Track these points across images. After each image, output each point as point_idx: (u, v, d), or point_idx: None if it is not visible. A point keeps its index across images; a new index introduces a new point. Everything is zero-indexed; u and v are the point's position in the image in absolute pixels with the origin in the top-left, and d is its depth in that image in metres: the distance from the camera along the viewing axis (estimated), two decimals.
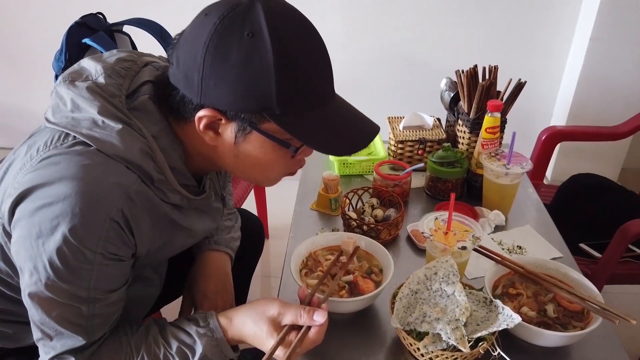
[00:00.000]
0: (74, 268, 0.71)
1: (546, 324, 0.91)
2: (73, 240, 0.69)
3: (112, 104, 0.75)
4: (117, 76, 0.79)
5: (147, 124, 0.76)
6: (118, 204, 0.71)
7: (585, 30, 2.31)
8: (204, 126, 0.74)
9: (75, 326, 0.76)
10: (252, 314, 0.84)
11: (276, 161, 0.79)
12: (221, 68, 0.69)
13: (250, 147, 0.76)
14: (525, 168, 1.25)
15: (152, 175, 0.75)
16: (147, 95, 0.78)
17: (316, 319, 0.81)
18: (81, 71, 0.79)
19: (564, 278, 0.99)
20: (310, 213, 1.33)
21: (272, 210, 2.24)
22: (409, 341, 0.87)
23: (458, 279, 0.91)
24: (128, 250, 0.77)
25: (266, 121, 0.73)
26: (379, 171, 1.34)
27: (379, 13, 2.40)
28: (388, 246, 1.10)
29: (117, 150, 0.72)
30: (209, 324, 0.84)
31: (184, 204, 0.84)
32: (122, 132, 0.73)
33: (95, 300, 0.76)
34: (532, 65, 2.49)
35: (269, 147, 0.76)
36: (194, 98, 0.73)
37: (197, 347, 0.82)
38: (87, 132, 0.72)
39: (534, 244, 1.21)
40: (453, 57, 2.45)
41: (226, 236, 1.13)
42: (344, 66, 2.54)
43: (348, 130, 0.79)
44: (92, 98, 0.74)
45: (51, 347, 0.77)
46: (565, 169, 2.51)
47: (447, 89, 1.52)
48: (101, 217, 0.70)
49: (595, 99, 2.43)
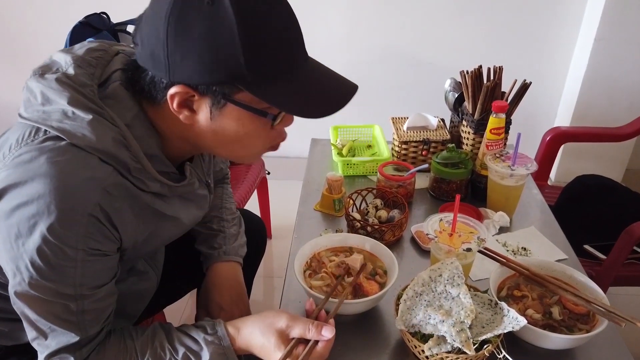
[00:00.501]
0: (56, 266, 0.71)
1: (551, 326, 0.90)
2: (52, 238, 0.69)
3: (82, 94, 0.73)
4: (88, 66, 0.77)
5: (120, 112, 0.75)
6: (94, 198, 0.70)
7: (590, 31, 2.30)
8: (178, 104, 0.72)
9: (67, 323, 0.76)
10: (261, 325, 0.83)
11: (255, 133, 0.77)
12: (185, 41, 0.67)
13: (227, 120, 0.74)
14: (530, 169, 1.25)
15: (129, 164, 0.74)
16: (118, 82, 0.76)
17: (324, 334, 0.81)
18: (51, 64, 0.78)
19: (569, 280, 0.99)
20: (313, 214, 1.32)
21: (275, 211, 2.24)
22: (413, 343, 0.86)
23: (463, 281, 0.90)
24: (112, 244, 0.76)
25: (239, 91, 0.71)
26: (383, 172, 1.33)
27: (383, 13, 2.40)
28: (392, 247, 1.10)
29: (89, 141, 0.70)
30: (216, 331, 0.84)
31: (165, 191, 0.82)
32: (93, 122, 0.71)
33: (83, 296, 0.75)
34: (537, 65, 2.48)
35: (246, 119, 0.75)
36: (163, 76, 0.71)
37: (204, 354, 0.82)
38: (57, 125, 0.71)
39: (539, 246, 1.21)
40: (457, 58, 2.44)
41: (234, 244, 1.13)
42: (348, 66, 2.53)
43: (324, 91, 0.77)
44: (61, 89, 0.73)
45: (46, 346, 0.77)
46: (570, 170, 2.50)
47: (452, 90, 1.52)
48: (78, 214, 0.69)
49: (599, 100, 2.42)
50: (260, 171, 2.02)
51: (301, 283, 0.96)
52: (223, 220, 1.15)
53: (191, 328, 0.86)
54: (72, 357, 0.78)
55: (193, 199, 0.93)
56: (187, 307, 1.92)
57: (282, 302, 1.03)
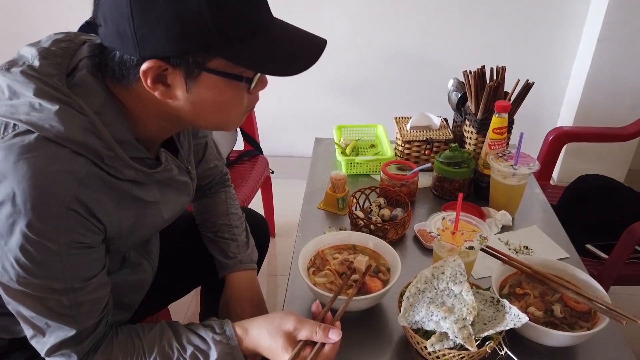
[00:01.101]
0: (42, 262, 0.71)
1: (553, 324, 0.91)
2: (33, 235, 0.68)
3: (49, 84, 0.71)
4: (54, 56, 0.75)
5: (88, 99, 0.73)
6: (70, 191, 0.69)
7: (593, 31, 2.30)
8: (152, 81, 0.71)
9: (62, 317, 0.76)
10: (269, 327, 0.84)
11: (234, 99, 0.77)
12: (150, 12, 0.65)
13: (204, 90, 0.73)
14: (533, 169, 1.25)
15: (101, 152, 0.72)
16: (85, 69, 0.75)
17: (331, 336, 0.82)
18: (18, 59, 0.76)
19: (571, 279, 1.00)
20: (317, 212, 1.34)
21: (278, 209, 2.25)
22: (416, 339, 0.87)
23: (465, 279, 0.91)
24: (95, 236, 0.76)
25: (212, 58, 0.70)
26: (386, 171, 1.34)
27: (387, 13, 2.41)
28: (395, 245, 1.11)
29: (58, 132, 0.69)
30: (225, 331, 0.85)
31: (142, 178, 0.81)
32: (60, 112, 0.69)
33: (74, 289, 0.75)
34: (540, 66, 2.49)
35: (223, 86, 0.74)
36: (133, 53, 0.69)
37: (212, 354, 0.83)
38: (25, 118, 0.69)
39: (541, 245, 1.22)
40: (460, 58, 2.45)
41: (248, 252, 1.15)
42: (352, 66, 2.56)
43: (296, 49, 0.76)
44: (26, 81, 0.71)
45: (44, 343, 0.77)
46: (572, 169, 2.51)
47: (455, 90, 1.53)
48: (55, 208, 0.68)
49: (602, 100, 2.42)
50: (264, 170, 2.04)
51: (305, 280, 0.97)
52: (233, 227, 1.17)
53: (199, 327, 0.87)
54: (73, 353, 0.78)
55: (173, 185, 0.92)
56: (192, 304, 1.93)
57: (287, 298, 1.05)
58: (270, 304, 1.17)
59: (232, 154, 2.04)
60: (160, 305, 1.30)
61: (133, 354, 0.82)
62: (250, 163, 2.03)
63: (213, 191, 1.23)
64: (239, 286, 1.11)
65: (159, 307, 1.29)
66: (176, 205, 0.95)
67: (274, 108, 2.59)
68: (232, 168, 1.99)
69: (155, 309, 1.28)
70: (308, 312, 1.00)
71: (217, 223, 1.17)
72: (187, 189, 0.97)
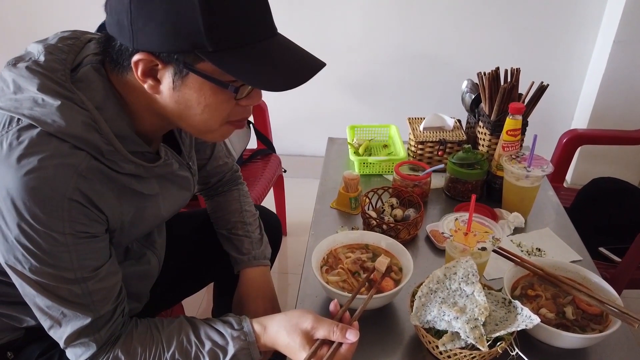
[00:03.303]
0: (51, 253, 0.73)
1: (565, 325, 0.91)
2: (39, 226, 0.71)
3: (52, 79, 0.74)
4: (60, 52, 0.77)
5: (90, 94, 0.75)
6: (71, 183, 0.71)
7: (609, 33, 2.28)
8: (142, 72, 0.73)
9: (76, 305, 0.78)
10: (287, 325, 0.85)
11: (217, 106, 0.77)
12: (147, 7, 0.68)
13: (189, 91, 0.74)
14: (546, 171, 1.25)
15: (101, 147, 0.74)
16: (89, 65, 0.77)
17: (349, 337, 0.83)
18: (25, 55, 0.79)
19: (583, 281, 1.00)
20: (330, 211, 1.35)
21: (290, 208, 2.27)
22: (427, 339, 0.88)
23: (477, 279, 0.92)
24: (99, 226, 0.78)
25: (201, 61, 0.71)
26: (399, 171, 1.35)
27: (401, 13, 2.41)
28: (407, 245, 1.11)
29: (59, 127, 0.71)
30: (243, 327, 0.87)
31: (141, 172, 0.82)
32: (62, 107, 0.72)
33: (85, 279, 0.77)
34: (554, 67, 2.47)
35: (207, 90, 0.74)
36: (128, 44, 0.71)
37: (229, 349, 0.84)
38: (29, 113, 0.71)
39: (553, 247, 1.22)
40: (474, 58, 2.45)
41: (261, 248, 1.17)
42: (365, 65, 2.57)
43: (288, 65, 0.76)
44: (31, 76, 0.73)
45: (62, 332, 0.79)
46: (586, 172, 2.49)
47: (469, 91, 1.53)
48: (58, 199, 0.71)
49: (617, 102, 2.40)
50: (277, 169, 2.05)
51: (318, 278, 0.98)
52: (246, 224, 1.18)
53: (217, 322, 0.88)
54: (91, 342, 0.80)
55: (173, 180, 0.93)
56: (204, 300, 1.95)
57: (299, 296, 1.06)
58: (281, 302, 1.18)
59: (246, 152, 2.05)
60: (174, 300, 1.32)
61: (152, 347, 0.83)
62: (263, 162, 2.05)
63: (226, 189, 1.24)
64: (253, 282, 1.13)
65: (172, 302, 1.32)
66: (176, 200, 0.97)
67: (287, 107, 2.60)
68: (245, 166, 2.01)
69: (169, 304, 1.30)
70: (320, 310, 1.02)
71: (230, 220, 1.19)
72: (188, 184, 0.99)
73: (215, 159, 1.19)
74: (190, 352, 0.84)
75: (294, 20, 2.42)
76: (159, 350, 0.83)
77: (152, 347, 0.83)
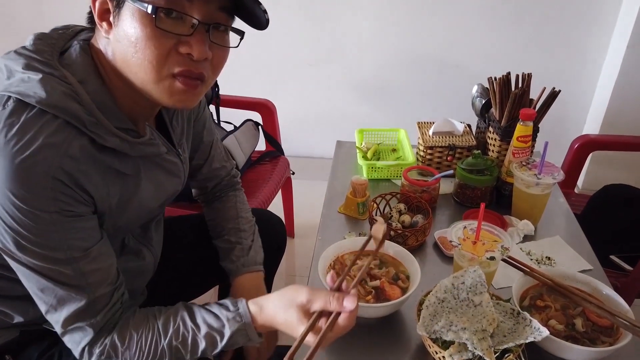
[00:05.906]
0: (40, 232, 0.74)
1: (574, 338, 0.90)
2: (26, 206, 0.71)
3: (38, 60, 0.76)
4: (49, 38, 0.81)
5: (73, 69, 0.78)
6: (55, 162, 0.72)
7: (623, 38, 2.26)
8: (98, 14, 0.76)
9: (70, 287, 0.78)
10: (282, 301, 0.85)
11: (147, 42, 0.74)
12: None
13: (123, 24, 0.75)
14: (557, 178, 1.24)
15: (81, 117, 0.75)
16: (77, 45, 0.80)
17: (346, 305, 0.79)
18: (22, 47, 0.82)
19: (594, 292, 0.98)
20: (337, 216, 1.34)
21: (298, 210, 2.26)
22: (434, 349, 0.87)
23: (485, 289, 0.91)
24: (84, 207, 0.78)
25: None
26: (407, 177, 1.34)
27: (412, 17, 2.40)
28: (415, 252, 1.10)
29: (40, 98, 0.72)
30: (238, 308, 0.87)
31: (126, 148, 0.82)
32: (43, 80, 0.74)
33: (75, 259, 0.77)
34: (566, 72, 2.45)
35: (137, 17, 0.73)
36: None
37: (226, 331, 0.85)
38: (15, 89, 0.73)
39: (563, 256, 1.20)
40: (485, 64, 2.44)
41: (251, 253, 1.14)
42: (375, 69, 2.56)
43: None
44: (17, 57, 0.77)
45: (58, 315, 0.80)
46: (597, 178, 2.46)
47: (479, 96, 1.51)
48: (42, 178, 0.71)
49: (630, 108, 2.38)
50: (285, 171, 2.05)
51: (325, 284, 0.97)
52: (240, 231, 1.16)
53: (214, 305, 0.89)
54: (88, 327, 0.80)
55: (161, 164, 0.93)
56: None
57: None
58: None
59: (254, 154, 2.05)
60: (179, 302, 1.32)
61: (148, 334, 0.84)
62: (271, 164, 2.05)
63: (223, 194, 1.23)
64: (242, 289, 1.10)
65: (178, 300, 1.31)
66: (166, 187, 0.97)
67: (296, 109, 2.60)
68: (254, 168, 2.01)
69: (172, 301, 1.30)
70: None
71: (226, 227, 1.17)
72: (177, 170, 0.98)
73: (211, 161, 1.18)
74: (187, 338, 0.84)
75: (304, 24, 2.42)
76: (155, 337, 0.84)
77: (149, 334, 0.84)
